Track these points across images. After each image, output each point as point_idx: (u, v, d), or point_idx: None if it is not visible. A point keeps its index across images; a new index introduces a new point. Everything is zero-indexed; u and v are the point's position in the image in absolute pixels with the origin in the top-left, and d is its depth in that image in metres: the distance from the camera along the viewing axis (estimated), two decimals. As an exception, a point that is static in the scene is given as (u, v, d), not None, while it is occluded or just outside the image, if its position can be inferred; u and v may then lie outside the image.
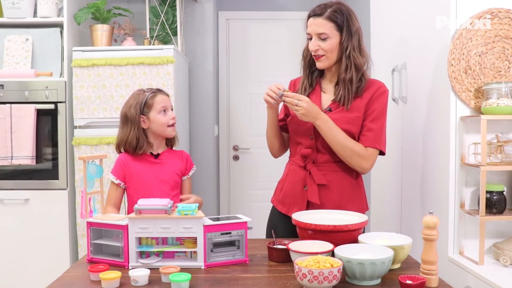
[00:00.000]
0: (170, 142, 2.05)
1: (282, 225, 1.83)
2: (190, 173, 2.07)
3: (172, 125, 1.97)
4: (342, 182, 1.78)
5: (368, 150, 1.74)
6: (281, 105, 1.84)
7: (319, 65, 1.78)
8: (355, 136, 1.75)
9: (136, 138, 1.91)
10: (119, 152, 1.99)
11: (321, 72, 1.85)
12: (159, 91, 1.99)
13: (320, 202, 1.74)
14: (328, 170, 1.77)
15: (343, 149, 1.71)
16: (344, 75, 1.74)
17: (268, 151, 1.97)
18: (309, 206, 1.76)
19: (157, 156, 1.97)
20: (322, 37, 1.72)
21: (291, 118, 1.83)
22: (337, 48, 1.74)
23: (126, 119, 1.93)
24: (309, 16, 1.77)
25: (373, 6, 2.73)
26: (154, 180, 1.94)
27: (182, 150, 2.12)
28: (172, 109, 2.00)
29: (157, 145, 1.98)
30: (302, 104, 1.66)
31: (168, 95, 2.01)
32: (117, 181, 1.93)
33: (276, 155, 1.96)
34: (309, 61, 1.84)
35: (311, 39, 1.76)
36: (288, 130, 1.89)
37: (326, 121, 1.69)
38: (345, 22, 1.72)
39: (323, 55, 1.74)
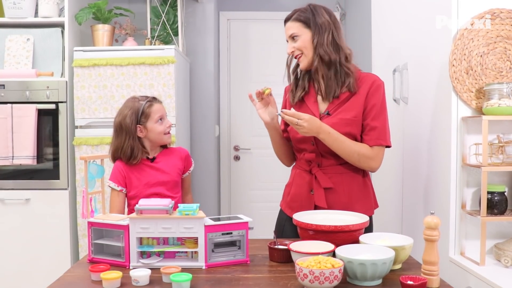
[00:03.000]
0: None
1: (289, 228, 1.81)
2: (190, 170, 2.10)
3: (168, 132, 1.99)
4: (350, 183, 1.77)
5: (374, 149, 1.73)
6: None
7: (301, 65, 1.79)
8: (357, 137, 1.73)
9: (131, 148, 1.92)
10: (114, 161, 2.00)
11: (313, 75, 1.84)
12: (154, 99, 2.00)
13: (328, 206, 1.73)
14: (333, 172, 1.76)
15: (351, 155, 1.70)
16: (326, 68, 1.74)
17: (269, 152, 1.97)
18: (316, 209, 1.75)
19: (153, 160, 1.99)
20: (293, 37, 1.76)
21: (290, 127, 1.81)
22: (309, 44, 1.74)
23: (121, 129, 1.93)
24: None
25: (374, 7, 2.73)
26: (153, 183, 1.96)
27: (180, 147, 2.13)
28: (166, 116, 2.01)
29: (152, 149, 2.01)
30: (302, 123, 1.62)
31: (161, 102, 2.03)
32: (119, 188, 1.93)
33: (287, 164, 1.97)
34: (295, 67, 1.84)
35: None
36: None
37: (329, 133, 1.67)
38: (310, 18, 1.74)
39: (300, 55, 1.76)
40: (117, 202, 1.93)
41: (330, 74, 1.73)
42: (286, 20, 1.79)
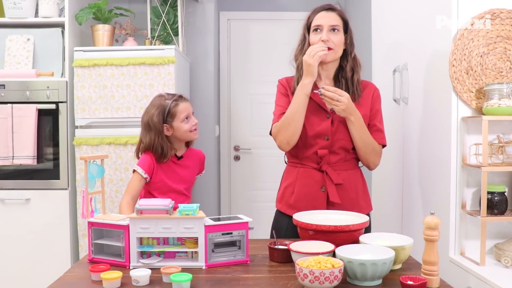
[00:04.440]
0: (188, 141, 2.10)
1: (292, 230, 1.72)
2: (201, 175, 2.16)
3: (195, 129, 2.01)
4: (355, 179, 1.82)
5: (380, 147, 1.81)
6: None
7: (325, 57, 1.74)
8: None
9: (161, 146, 1.94)
10: (138, 156, 2.02)
11: None
12: (180, 98, 2.00)
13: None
14: (341, 169, 1.79)
15: (367, 145, 1.75)
16: (351, 75, 1.79)
17: (269, 152, 1.96)
18: (329, 206, 1.76)
19: (180, 158, 2.02)
20: (335, 29, 1.76)
21: (305, 120, 1.75)
22: (342, 45, 1.79)
23: (150, 128, 1.95)
24: (317, 11, 1.79)
25: (374, 7, 2.73)
26: (175, 180, 2.00)
27: (200, 149, 2.16)
28: (193, 113, 2.02)
29: (179, 147, 2.03)
30: (343, 100, 1.66)
31: (188, 100, 2.03)
32: (146, 175, 1.95)
33: (295, 142, 1.76)
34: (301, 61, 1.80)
35: (316, 30, 1.77)
36: None
37: (359, 118, 1.72)
38: (349, 25, 1.81)
39: (331, 48, 1.75)
40: (137, 186, 1.95)
41: (360, 79, 1.81)
42: (330, 10, 1.78)
